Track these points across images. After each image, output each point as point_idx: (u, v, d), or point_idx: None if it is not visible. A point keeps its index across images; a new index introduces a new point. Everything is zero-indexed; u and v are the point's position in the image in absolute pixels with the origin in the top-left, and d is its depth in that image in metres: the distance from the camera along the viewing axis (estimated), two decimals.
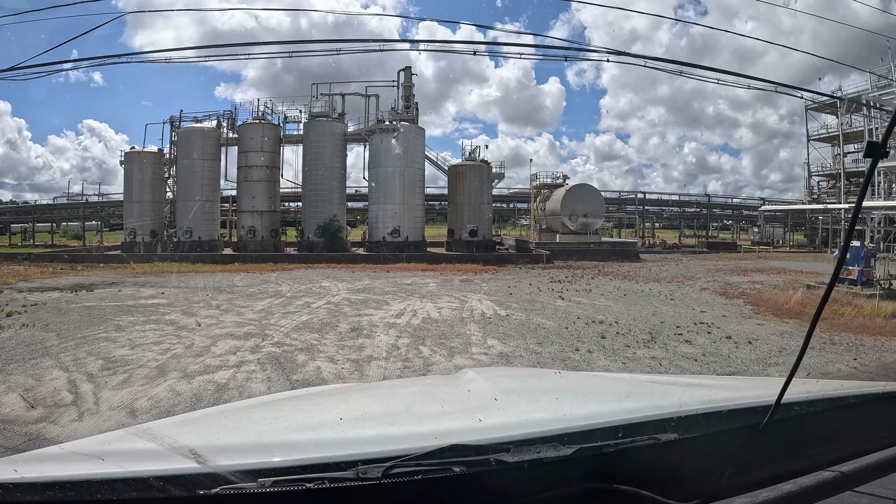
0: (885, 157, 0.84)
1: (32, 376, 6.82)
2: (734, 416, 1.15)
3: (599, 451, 1.01)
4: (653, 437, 1.04)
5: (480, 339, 8.96)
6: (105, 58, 19.77)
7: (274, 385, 6.36)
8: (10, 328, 9.87)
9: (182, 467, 0.93)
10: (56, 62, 14.69)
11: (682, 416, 1.11)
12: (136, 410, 5.54)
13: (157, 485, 0.85)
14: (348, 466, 0.90)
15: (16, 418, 5.51)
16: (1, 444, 4.85)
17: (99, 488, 0.84)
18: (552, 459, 0.97)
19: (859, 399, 1.32)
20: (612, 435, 1.05)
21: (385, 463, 0.90)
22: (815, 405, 1.21)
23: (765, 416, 1.04)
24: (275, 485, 0.86)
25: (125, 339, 8.84)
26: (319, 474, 0.88)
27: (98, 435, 1.34)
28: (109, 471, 0.91)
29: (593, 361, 7.53)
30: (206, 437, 1.20)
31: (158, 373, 6.85)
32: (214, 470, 0.90)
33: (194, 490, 0.85)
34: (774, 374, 7.18)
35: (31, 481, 0.87)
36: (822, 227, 43.30)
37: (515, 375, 2.39)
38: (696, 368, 7.35)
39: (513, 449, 0.96)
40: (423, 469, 0.90)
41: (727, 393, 1.48)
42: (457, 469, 0.92)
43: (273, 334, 9.12)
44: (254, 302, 12.97)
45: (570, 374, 2.99)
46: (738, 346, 8.83)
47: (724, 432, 1.11)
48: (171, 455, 1.00)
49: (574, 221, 32.25)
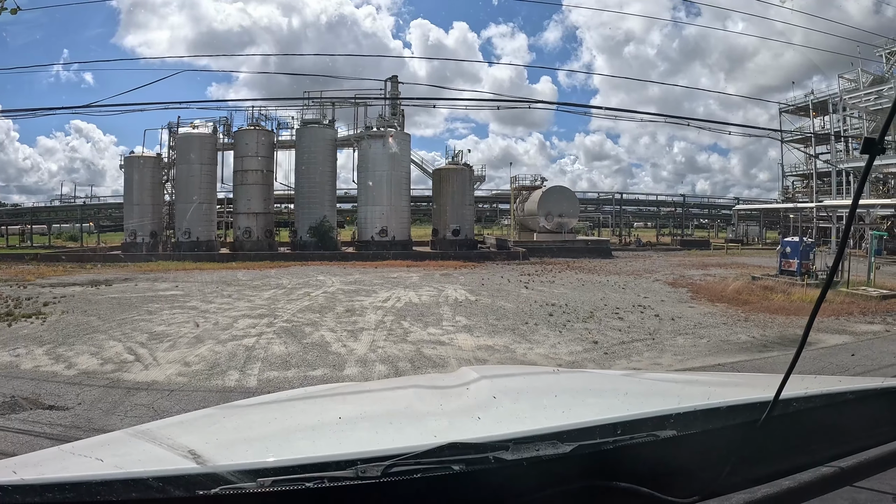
0: (881, 154, 0.84)
1: (93, 345, 8.63)
2: (732, 413, 1.15)
3: (598, 448, 1.01)
4: (651, 434, 1.05)
5: (450, 316, 11.06)
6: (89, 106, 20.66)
7: (290, 346, 8.35)
8: (53, 314, 11.59)
9: (181, 467, 0.94)
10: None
11: (681, 413, 1.11)
12: (189, 363, 7.47)
13: (156, 485, 0.86)
14: (347, 465, 0.91)
15: (94, 371, 7.27)
16: (88, 384, 6.60)
17: (98, 489, 0.85)
18: (551, 457, 0.97)
19: (857, 395, 1.32)
20: (611, 432, 1.05)
21: (384, 462, 0.90)
22: (813, 401, 1.22)
23: (763, 413, 1.04)
24: (274, 484, 0.87)
25: (159, 319, 10.73)
26: (318, 473, 0.89)
27: (97, 436, 1.37)
28: (109, 472, 0.93)
29: (536, 331, 9.62)
30: (206, 437, 1.21)
31: (196, 340, 8.79)
32: (214, 470, 0.91)
33: (194, 490, 0.86)
34: (679, 341, 9.15)
35: (31, 483, 0.89)
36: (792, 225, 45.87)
37: (514, 373, 2.37)
38: (616, 336, 9.36)
39: (512, 447, 0.96)
40: (422, 467, 0.91)
41: (725, 390, 1.50)
42: (456, 467, 0.92)
43: (282, 314, 11.13)
44: (260, 292, 14.93)
45: (568, 372, 3.04)
46: (662, 321, 10.78)
47: (722, 429, 1.11)
48: (170, 455, 1.02)
49: (550, 221, 34.65)
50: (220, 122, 34.69)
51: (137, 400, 5.91)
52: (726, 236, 51.97)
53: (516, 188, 41.19)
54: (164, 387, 6.46)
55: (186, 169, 33.46)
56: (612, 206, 49.30)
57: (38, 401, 5.85)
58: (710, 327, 10.22)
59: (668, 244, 45.20)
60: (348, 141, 34.51)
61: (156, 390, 6.30)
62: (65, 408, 5.63)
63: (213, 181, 34.61)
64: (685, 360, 7.73)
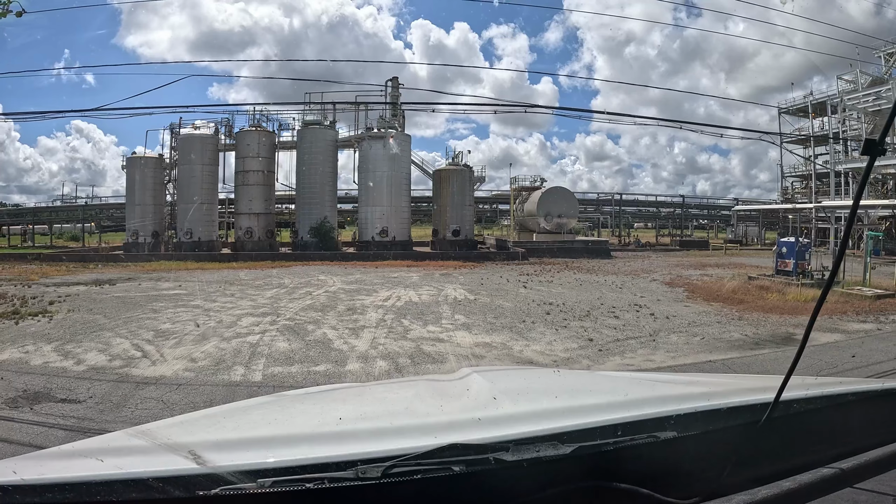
0: (882, 155, 0.84)
1: (101, 342, 8.83)
2: (733, 414, 1.15)
3: (598, 449, 1.01)
4: (652, 435, 1.05)
5: (450, 314, 11.28)
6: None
7: (293, 343, 8.57)
8: (59, 312, 11.79)
9: (181, 468, 0.94)
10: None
11: (681, 414, 1.11)
12: (195, 359, 7.68)
13: (156, 486, 0.86)
14: (348, 466, 0.91)
15: (103, 367, 7.46)
16: (98, 379, 6.80)
17: (98, 489, 0.85)
18: (551, 458, 0.97)
19: (858, 396, 1.32)
20: (611, 433, 1.05)
21: (384, 462, 0.91)
22: (813, 402, 1.22)
23: (763, 414, 1.04)
24: (274, 485, 0.87)
25: (164, 317, 10.94)
26: (319, 474, 0.89)
27: (97, 436, 1.37)
28: (109, 472, 0.92)
29: (533, 329, 9.83)
30: (206, 437, 1.22)
31: (202, 337, 9.00)
32: (214, 470, 0.91)
33: (194, 491, 0.86)
34: (672, 339, 9.36)
35: (31, 483, 0.89)
36: (791, 226, 46.05)
37: (514, 374, 2.39)
38: (611, 334, 9.58)
39: (512, 448, 0.97)
40: (422, 468, 0.91)
41: (726, 391, 1.51)
42: (456, 468, 0.92)
43: (285, 312, 11.35)
44: (262, 291, 15.15)
45: (568, 373, 3.04)
46: (657, 319, 11.01)
47: (723, 430, 1.11)
48: (170, 456, 1.02)
49: (549, 222, 34.91)
50: (222, 123, 35.04)
51: (147, 394, 6.11)
52: (725, 237, 52.20)
53: (516, 189, 41.48)
54: (172, 381, 6.66)
55: (188, 169, 33.76)
56: (612, 207, 49.57)
57: (51, 394, 6.07)
58: (703, 325, 10.42)
59: (667, 245, 45.46)
60: (349, 142, 34.80)
61: (164, 385, 6.50)
62: (77, 400, 5.84)
63: (214, 182, 34.93)
64: (677, 357, 7.93)
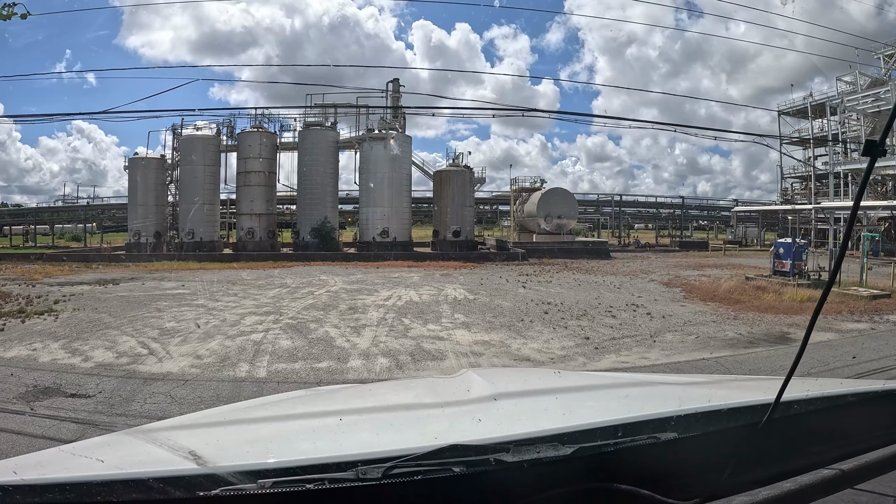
0: (882, 156, 0.84)
1: (107, 340, 9.00)
2: (733, 415, 1.15)
3: (599, 450, 1.01)
4: (652, 436, 1.05)
5: (449, 313, 11.46)
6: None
7: (296, 341, 8.75)
8: (65, 311, 11.95)
9: (182, 468, 0.94)
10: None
11: (682, 416, 1.11)
12: (200, 356, 7.85)
13: (156, 486, 0.86)
14: (348, 467, 0.91)
15: (110, 363, 7.63)
16: (106, 375, 6.93)
17: (99, 490, 0.85)
18: (552, 459, 0.97)
19: (858, 397, 1.33)
20: (612, 434, 1.05)
21: (385, 463, 0.91)
22: (814, 404, 1.22)
23: (764, 415, 1.04)
24: (275, 486, 0.87)
25: (168, 316, 11.12)
26: (319, 475, 0.89)
27: (97, 437, 1.35)
28: (109, 472, 0.93)
29: (531, 327, 10.01)
30: (206, 438, 1.22)
31: (206, 336, 9.18)
32: (214, 471, 0.91)
33: (194, 491, 0.86)
34: (668, 337, 9.53)
35: (32, 483, 0.89)
36: (791, 227, 46.20)
37: (515, 375, 2.35)
38: (608, 332, 9.74)
39: (513, 449, 0.97)
40: (423, 469, 0.91)
41: (727, 392, 1.49)
42: (457, 469, 0.92)
43: (287, 312, 11.53)
44: (265, 291, 15.34)
45: (569, 374, 3.05)
46: (653, 319, 11.17)
47: (723, 431, 1.11)
48: (170, 456, 1.02)
49: (549, 222, 35.08)
50: (224, 124, 35.24)
51: (154, 389, 6.29)
52: (725, 238, 52.29)
53: (516, 190, 41.67)
54: (179, 377, 6.84)
55: (190, 170, 33.98)
56: (612, 208, 49.74)
57: (61, 389, 6.25)
58: (699, 325, 10.58)
59: (667, 245, 45.52)
60: (350, 143, 35.00)
61: (171, 380, 6.68)
62: (86, 395, 6.02)
63: (216, 182, 35.13)
64: (672, 355, 8.10)
